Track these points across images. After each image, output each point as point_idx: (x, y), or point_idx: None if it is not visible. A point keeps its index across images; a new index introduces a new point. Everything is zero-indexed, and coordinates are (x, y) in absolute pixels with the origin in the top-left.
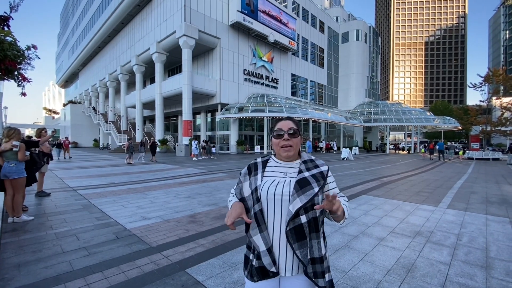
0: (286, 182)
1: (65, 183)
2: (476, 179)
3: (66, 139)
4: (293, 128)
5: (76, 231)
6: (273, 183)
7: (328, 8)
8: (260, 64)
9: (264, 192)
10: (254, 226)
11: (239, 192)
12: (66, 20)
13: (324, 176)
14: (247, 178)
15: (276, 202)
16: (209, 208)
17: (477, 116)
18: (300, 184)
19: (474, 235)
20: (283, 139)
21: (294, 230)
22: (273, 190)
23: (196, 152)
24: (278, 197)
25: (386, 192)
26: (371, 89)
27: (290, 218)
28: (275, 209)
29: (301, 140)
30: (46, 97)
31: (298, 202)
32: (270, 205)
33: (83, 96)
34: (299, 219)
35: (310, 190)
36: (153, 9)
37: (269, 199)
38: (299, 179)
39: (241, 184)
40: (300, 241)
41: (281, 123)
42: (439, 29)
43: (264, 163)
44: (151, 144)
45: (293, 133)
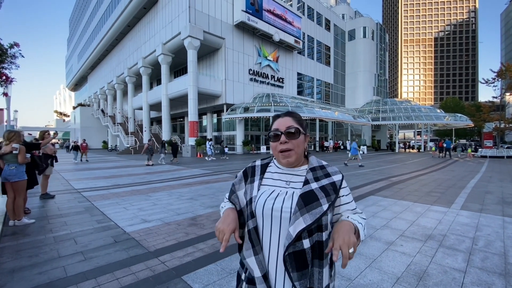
0: (288, 195)
1: (71, 185)
2: (490, 178)
3: (84, 141)
4: (292, 127)
5: (75, 234)
6: (272, 195)
7: (334, 6)
8: (266, 64)
9: (259, 206)
10: (248, 246)
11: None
12: (75, 24)
13: (337, 188)
14: (242, 186)
15: (274, 219)
16: (211, 210)
17: (490, 112)
18: (305, 199)
19: (491, 239)
20: (280, 141)
21: (294, 256)
22: (270, 205)
23: (210, 152)
24: (277, 214)
25: (395, 193)
26: (379, 87)
27: (290, 243)
28: (272, 228)
29: (306, 140)
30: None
31: (301, 222)
32: (266, 223)
33: (92, 99)
34: (301, 244)
35: (317, 208)
36: (159, 11)
37: (265, 215)
38: (304, 193)
39: (234, 195)
40: (300, 271)
41: (278, 121)
42: (448, 25)
43: (264, 167)
44: (172, 145)
45: (293, 132)
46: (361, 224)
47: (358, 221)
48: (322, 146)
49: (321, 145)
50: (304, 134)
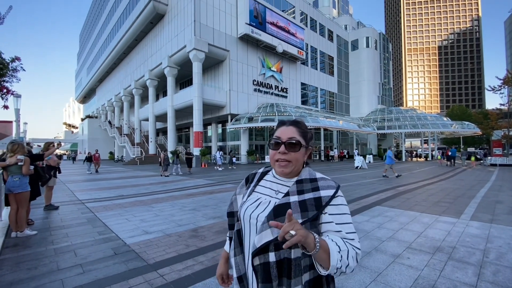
0: (270, 205)
1: (75, 196)
2: (501, 187)
3: (96, 152)
4: (294, 139)
5: (75, 246)
6: (254, 203)
7: (337, 17)
8: (269, 74)
9: (242, 212)
10: (233, 247)
11: (230, 204)
12: (85, 40)
13: (321, 204)
14: (242, 190)
15: (252, 226)
16: (213, 222)
17: (498, 120)
18: (276, 211)
19: (503, 251)
20: (279, 151)
21: (262, 268)
22: (250, 212)
23: (220, 162)
24: (253, 221)
25: (402, 203)
26: (383, 96)
27: (254, 253)
28: (251, 234)
29: (307, 153)
30: (66, 113)
31: (269, 234)
32: (246, 229)
33: (99, 111)
34: (267, 256)
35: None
36: (165, 26)
37: (245, 221)
38: (279, 205)
39: (234, 197)
40: (265, 283)
41: (281, 130)
42: (452, 33)
43: (263, 175)
44: (187, 156)
45: (294, 144)
46: (339, 247)
47: (337, 242)
48: (328, 155)
49: (327, 155)
50: (305, 147)
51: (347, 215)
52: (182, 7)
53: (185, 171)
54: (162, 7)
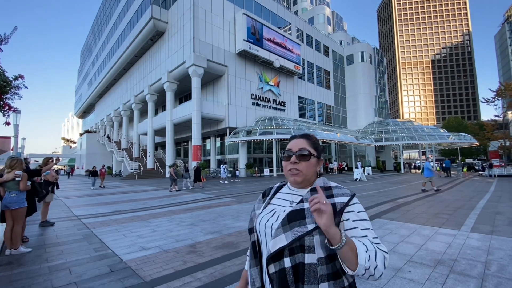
0: (284, 213)
1: (72, 212)
2: (500, 198)
3: (103, 167)
4: (305, 149)
5: (70, 264)
6: (270, 213)
7: (332, 33)
8: (267, 89)
9: (257, 223)
10: (249, 258)
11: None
12: (86, 56)
13: (336, 210)
14: (260, 205)
15: (267, 236)
16: (211, 237)
17: (493, 131)
18: (290, 216)
19: (504, 263)
20: (290, 161)
21: (278, 275)
22: (264, 222)
23: (225, 175)
24: (268, 230)
25: (402, 215)
26: (380, 108)
27: (268, 258)
28: (267, 244)
29: (319, 164)
30: (65, 128)
31: (283, 239)
32: (262, 239)
33: (98, 126)
34: (282, 262)
35: (300, 226)
36: (165, 42)
37: (260, 232)
38: (293, 211)
39: (253, 213)
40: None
41: (292, 142)
42: (444, 48)
43: (278, 188)
44: (196, 170)
45: (304, 155)
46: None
47: (363, 242)
48: (326, 168)
49: (325, 167)
50: (316, 157)
51: (367, 221)
52: (182, 25)
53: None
54: (162, 25)
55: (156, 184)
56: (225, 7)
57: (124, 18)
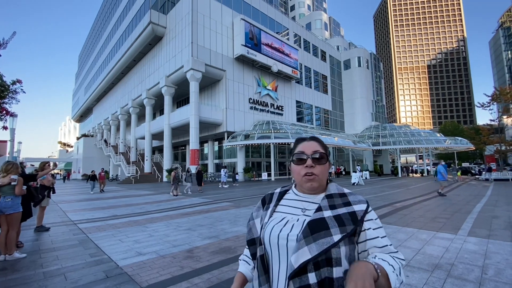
0: (299, 222)
1: (68, 217)
2: (496, 202)
3: (102, 170)
4: (319, 152)
5: (66, 269)
6: (281, 222)
7: (329, 39)
8: (265, 93)
9: (267, 233)
10: (257, 275)
11: (249, 230)
12: (84, 60)
13: (357, 219)
14: (260, 213)
15: (281, 248)
16: (209, 242)
17: (489, 135)
18: (312, 227)
19: (501, 267)
20: (306, 165)
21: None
22: (277, 232)
23: (225, 180)
24: (283, 242)
25: (400, 219)
26: (377, 113)
27: (292, 274)
28: (280, 258)
29: (329, 167)
30: (62, 132)
31: (306, 252)
32: (274, 252)
33: (96, 129)
34: (306, 278)
35: (325, 238)
36: (163, 47)
37: (272, 243)
38: (313, 220)
39: (252, 222)
40: None
41: (303, 145)
42: (439, 53)
43: (282, 194)
44: (197, 173)
45: (319, 157)
46: (392, 266)
47: (388, 262)
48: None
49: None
50: (328, 160)
51: (382, 229)
52: (180, 29)
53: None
54: (160, 30)
55: (153, 189)
56: (223, 13)
57: (122, 23)
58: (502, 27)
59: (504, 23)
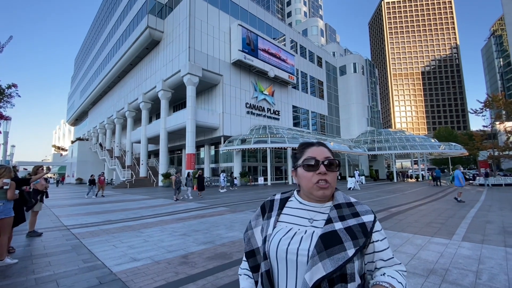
0: (307, 234)
1: (61, 222)
2: (490, 207)
3: (102, 174)
4: (331, 158)
5: (58, 275)
6: (288, 234)
7: (325, 45)
8: (262, 98)
9: (273, 247)
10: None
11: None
12: (80, 63)
13: (368, 230)
14: (259, 222)
15: (289, 263)
16: (204, 247)
17: (482, 141)
18: (325, 241)
19: (495, 272)
20: (319, 172)
21: None
22: (285, 246)
23: (224, 184)
24: (292, 257)
25: (395, 224)
26: (372, 118)
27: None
28: (288, 273)
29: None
30: (56, 135)
31: (321, 269)
32: (281, 267)
33: (91, 133)
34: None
35: (340, 253)
36: (160, 51)
37: (279, 258)
38: (325, 234)
39: (250, 231)
40: None
41: (312, 150)
42: (433, 60)
43: (283, 201)
44: (199, 178)
45: (331, 164)
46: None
47: (397, 279)
48: None
49: None
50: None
51: (386, 239)
52: (177, 34)
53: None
54: (158, 34)
55: (148, 193)
56: (220, 18)
57: (120, 27)
58: (494, 35)
59: (496, 31)
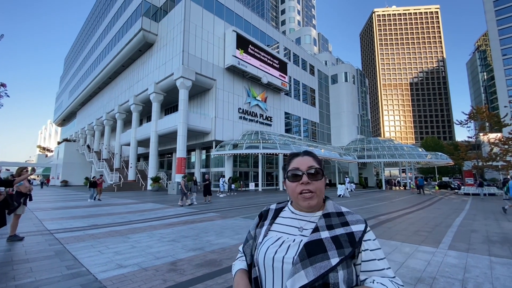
0: (295, 242)
1: (44, 226)
2: (475, 216)
3: (101, 177)
4: (314, 167)
5: (40, 283)
6: (276, 243)
7: (317, 53)
8: (254, 103)
9: (261, 255)
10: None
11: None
12: (70, 63)
13: (355, 240)
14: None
15: (276, 270)
16: (193, 254)
17: (467, 151)
18: (309, 249)
19: (480, 281)
20: (301, 182)
21: None
22: (271, 254)
23: (223, 189)
24: (278, 265)
25: (384, 232)
26: (362, 127)
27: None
28: (275, 281)
29: (325, 182)
30: (42, 135)
31: (303, 277)
32: (268, 274)
33: (78, 134)
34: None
35: (322, 262)
36: (153, 54)
37: (266, 266)
38: (310, 242)
39: (251, 241)
40: None
41: (297, 160)
42: (421, 72)
43: (277, 211)
44: (206, 183)
45: (314, 173)
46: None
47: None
48: None
49: None
50: (324, 175)
51: (381, 250)
52: (171, 37)
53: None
54: (151, 37)
55: (137, 197)
56: (215, 23)
57: (113, 28)
58: (478, 50)
59: (480, 46)
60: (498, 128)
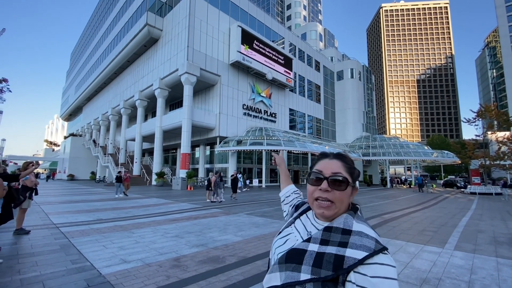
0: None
1: (50, 219)
2: (481, 216)
3: (127, 172)
4: (340, 175)
5: (44, 276)
6: (284, 238)
7: (323, 49)
8: (259, 100)
9: (273, 243)
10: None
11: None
12: (76, 58)
13: (342, 266)
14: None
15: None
16: (197, 250)
17: (474, 150)
18: (289, 255)
19: (486, 283)
20: (320, 187)
21: None
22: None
23: (241, 185)
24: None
25: (388, 231)
26: (367, 124)
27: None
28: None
29: (353, 194)
30: (49, 130)
31: (277, 278)
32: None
33: (84, 129)
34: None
35: (292, 272)
36: (158, 49)
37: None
38: (294, 249)
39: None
40: None
41: (323, 162)
42: (428, 68)
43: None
44: (233, 179)
45: (339, 180)
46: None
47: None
48: None
49: None
50: (352, 186)
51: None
52: (176, 33)
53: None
54: (156, 32)
55: (141, 192)
56: (220, 19)
57: (118, 23)
58: (488, 46)
59: (490, 43)
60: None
